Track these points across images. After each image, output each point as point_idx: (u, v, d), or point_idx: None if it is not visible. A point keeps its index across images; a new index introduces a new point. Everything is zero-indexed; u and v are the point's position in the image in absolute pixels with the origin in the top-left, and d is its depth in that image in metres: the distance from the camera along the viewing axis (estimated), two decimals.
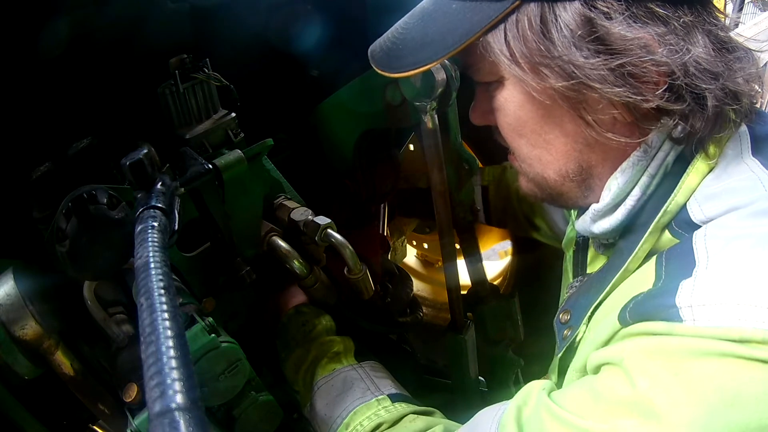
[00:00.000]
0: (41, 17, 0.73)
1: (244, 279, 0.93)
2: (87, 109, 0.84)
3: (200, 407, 0.38)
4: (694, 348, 0.50)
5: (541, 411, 0.60)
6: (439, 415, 0.85)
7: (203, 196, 0.85)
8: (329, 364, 0.91)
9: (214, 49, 0.91)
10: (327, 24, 1.08)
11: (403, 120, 1.04)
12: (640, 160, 0.65)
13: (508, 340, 1.34)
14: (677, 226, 0.63)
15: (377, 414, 0.82)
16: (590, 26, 0.58)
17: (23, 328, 0.73)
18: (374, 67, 0.71)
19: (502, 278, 1.88)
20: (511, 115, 0.69)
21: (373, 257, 1.15)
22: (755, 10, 4.72)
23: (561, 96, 0.62)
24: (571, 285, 0.85)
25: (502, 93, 0.69)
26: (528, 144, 0.70)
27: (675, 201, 0.63)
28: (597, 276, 0.75)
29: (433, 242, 2.01)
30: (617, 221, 0.69)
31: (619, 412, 0.53)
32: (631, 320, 0.57)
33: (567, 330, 0.74)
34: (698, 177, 0.63)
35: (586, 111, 0.63)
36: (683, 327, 0.52)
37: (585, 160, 0.69)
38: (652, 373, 0.52)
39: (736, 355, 0.49)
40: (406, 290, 1.18)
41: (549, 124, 0.67)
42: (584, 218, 0.74)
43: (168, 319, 0.43)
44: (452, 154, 1.13)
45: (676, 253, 0.60)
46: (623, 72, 0.58)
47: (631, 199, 0.67)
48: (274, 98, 1.16)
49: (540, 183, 0.74)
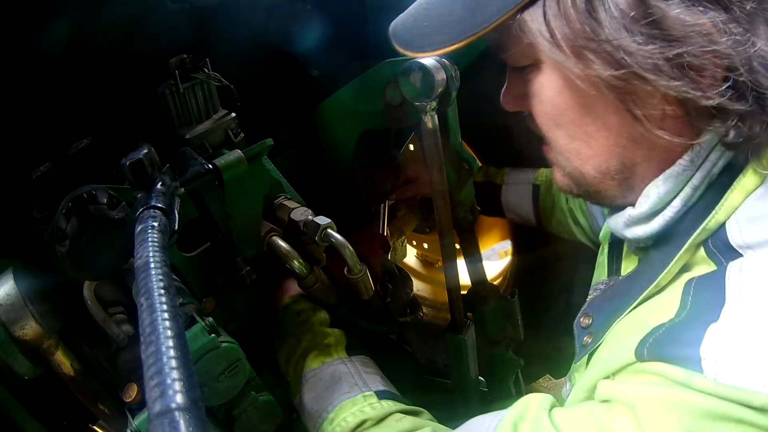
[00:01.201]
0: (41, 17, 0.73)
1: (244, 279, 0.93)
2: (87, 109, 0.84)
3: (200, 407, 0.38)
4: (711, 409, 0.47)
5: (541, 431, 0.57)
6: (427, 416, 0.83)
7: (203, 196, 0.85)
8: (319, 357, 0.90)
9: (214, 49, 0.91)
10: (327, 24, 1.08)
11: (403, 120, 1.04)
12: (686, 170, 0.59)
13: (508, 340, 1.34)
14: (713, 246, 0.57)
15: (362, 411, 0.80)
16: (644, 7, 0.50)
17: (23, 328, 0.73)
18: (396, 46, 0.64)
19: (502, 278, 1.88)
20: (548, 103, 0.62)
21: (373, 257, 1.15)
22: None
23: (607, 85, 0.54)
24: (596, 287, 0.79)
25: (539, 78, 0.62)
26: (566, 135, 0.64)
27: (715, 219, 0.57)
28: (624, 283, 0.70)
29: (433, 242, 2.02)
30: (653, 230, 0.64)
31: None
32: (648, 357, 0.53)
33: (588, 337, 0.69)
34: (742, 195, 0.56)
35: (635, 104, 0.55)
36: (703, 382, 0.48)
37: (629, 157, 0.62)
38: (663, 426, 0.49)
39: (755, 425, 0.45)
40: (406, 290, 1.18)
41: (591, 115, 0.60)
42: (617, 220, 0.69)
43: (168, 319, 0.43)
44: (452, 154, 1.13)
45: (705, 284, 0.55)
46: (682, 63, 0.51)
47: (671, 211, 0.62)
48: (274, 98, 1.16)
49: (577, 178, 0.67)
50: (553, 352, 1.56)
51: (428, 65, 0.90)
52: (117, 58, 0.85)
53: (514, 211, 1.37)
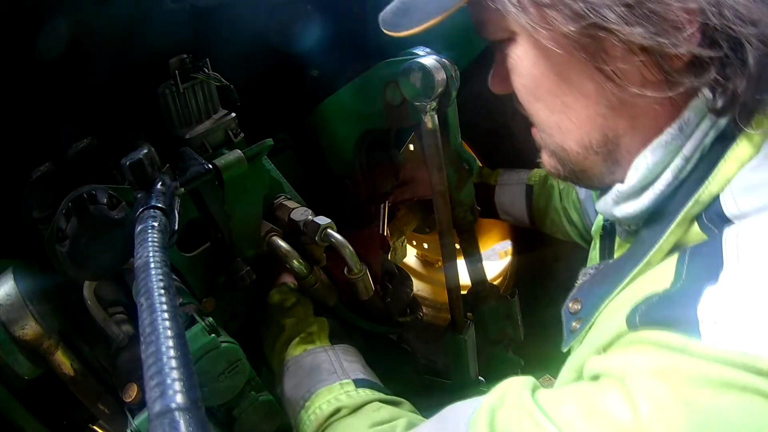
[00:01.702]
0: (41, 17, 0.73)
1: (244, 279, 0.93)
2: (87, 109, 0.84)
3: (200, 407, 0.38)
4: (711, 376, 0.43)
5: (523, 417, 0.52)
6: (408, 407, 0.81)
7: (203, 196, 0.85)
8: (301, 345, 0.89)
9: (214, 49, 0.91)
10: (327, 24, 1.08)
11: (403, 120, 1.04)
12: (675, 139, 0.57)
13: (508, 340, 1.34)
14: (707, 219, 0.54)
15: (337, 398, 0.78)
16: None
17: (23, 328, 0.73)
18: (383, 29, 0.65)
19: (502, 278, 1.88)
20: (526, 75, 0.62)
21: (373, 257, 1.15)
22: None
23: (576, 45, 0.54)
24: (585, 272, 0.75)
25: (515, 50, 0.62)
26: (545, 108, 0.63)
27: (708, 190, 0.54)
28: (614, 265, 0.66)
29: (433, 242, 2.01)
30: (643, 206, 0.61)
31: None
32: (640, 325, 0.50)
33: (576, 322, 0.65)
34: (737, 164, 0.54)
35: (605, 61, 0.54)
36: (701, 346, 0.44)
37: (610, 128, 0.60)
38: (657, 399, 0.44)
39: (762, 392, 0.41)
40: (406, 290, 1.18)
41: (566, 83, 0.59)
42: (606, 199, 0.66)
43: (168, 319, 0.43)
44: (452, 154, 1.13)
45: (701, 251, 0.52)
46: (644, 10, 0.50)
47: (661, 184, 0.59)
48: (274, 98, 1.16)
49: (561, 157, 0.66)
50: (553, 352, 1.56)
51: (428, 65, 0.90)
52: (117, 58, 0.85)
53: (507, 211, 1.37)
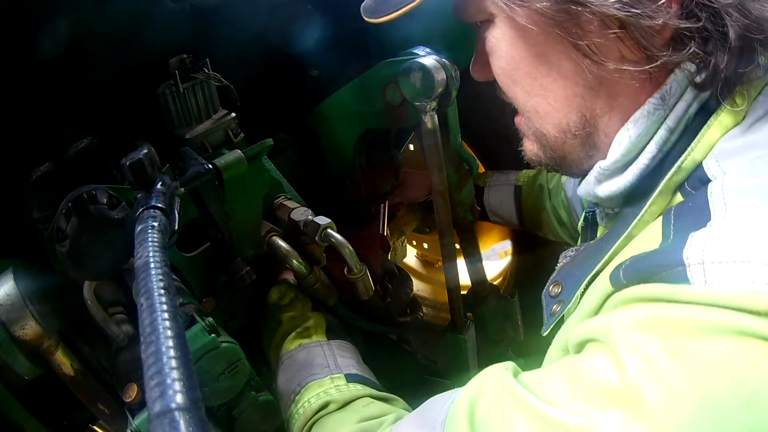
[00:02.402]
0: (41, 17, 0.73)
1: (244, 279, 0.93)
2: (87, 109, 0.84)
3: (200, 407, 0.38)
4: (703, 321, 0.39)
5: (504, 397, 0.50)
6: (401, 404, 0.80)
7: (203, 196, 0.85)
8: (296, 339, 0.89)
9: (214, 49, 0.91)
10: (327, 24, 1.08)
11: (403, 120, 1.04)
12: (657, 109, 0.54)
13: (508, 340, 1.34)
14: (690, 187, 0.52)
15: (327, 392, 0.78)
16: None
17: (23, 328, 0.73)
18: (363, 16, 0.66)
19: (502, 278, 1.88)
20: (504, 57, 0.61)
21: (373, 257, 1.15)
22: None
23: (551, 21, 0.53)
24: (565, 254, 0.72)
25: (493, 32, 0.61)
26: (524, 92, 0.62)
27: (691, 157, 0.52)
28: (595, 245, 0.63)
29: (433, 242, 2.01)
30: (627, 182, 0.58)
31: (601, 403, 0.42)
32: (625, 281, 0.46)
33: (556, 305, 0.63)
34: (720, 131, 0.52)
35: (581, 37, 0.53)
36: (691, 291, 0.40)
37: (588, 108, 0.59)
38: (644, 353, 0.40)
39: (760, 335, 0.37)
40: (406, 290, 1.18)
41: (544, 64, 0.58)
42: (588, 179, 0.63)
43: (168, 319, 0.43)
44: (452, 154, 1.13)
45: (687, 207, 0.49)
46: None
47: (645, 157, 0.56)
48: (274, 98, 1.16)
49: (541, 142, 0.65)
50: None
51: (428, 65, 0.90)
52: (117, 58, 0.85)
53: (496, 213, 1.36)
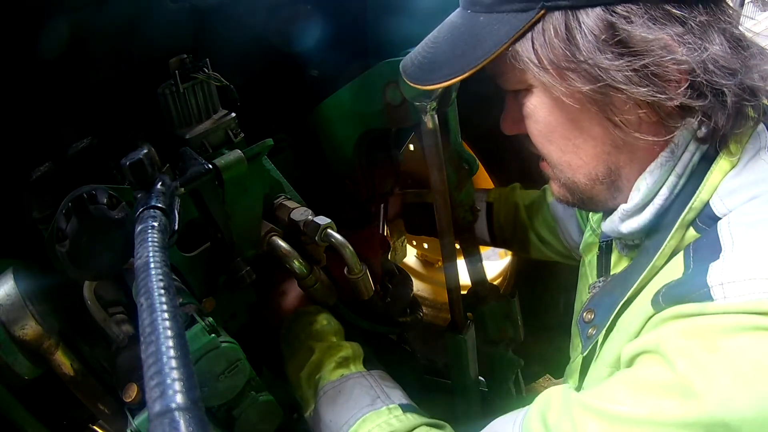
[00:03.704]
0: (41, 17, 0.73)
1: (244, 279, 0.93)
2: (87, 109, 0.84)
3: (200, 407, 0.38)
4: (727, 324, 0.52)
5: (572, 407, 0.60)
6: (450, 430, 0.84)
7: (203, 196, 0.85)
8: (337, 369, 0.89)
9: (214, 49, 0.91)
10: (327, 24, 1.08)
11: (403, 120, 1.04)
12: (668, 161, 0.67)
13: (508, 340, 1.34)
14: (701, 222, 0.65)
15: (389, 422, 0.80)
16: (612, 30, 0.60)
17: (23, 328, 0.73)
18: (408, 81, 0.73)
19: (502, 278, 1.88)
20: (541, 122, 0.71)
21: (373, 257, 1.15)
22: (755, 10, 4.72)
23: (588, 99, 0.64)
24: (593, 285, 0.86)
25: (532, 100, 0.70)
26: (558, 150, 0.72)
27: (699, 198, 0.65)
28: (621, 275, 0.76)
29: (433, 242, 2.01)
30: (646, 220, 0.71)
31: (659, 395, 0.54)
32: (664, 304, 0.59)
33: (591, 329, 0.75)
34: (721, 174, 0.64)
35: (613, 112, 0.65)
36: (715, 305, 0.53)
37: (613, 162, 0.70)
38: (689, 353, 0.53)
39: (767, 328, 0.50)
40: (406, 290, 1.18)
41: (578, 128, 0.69)
42: (612, 218, 0.75)
43: (168, 319, 0.43)
44: (452, 154, 1.13)
45: (702, 243, 0.63)
46: (647, 72, 0.60)
47: (660, 199, 0.69)
48: (274, 98, 1.16)
49: (571, 187, 0.76)
50: (553, 352, 1.55)
51: None
52: (117, 58, 0.85)
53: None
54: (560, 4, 0.62)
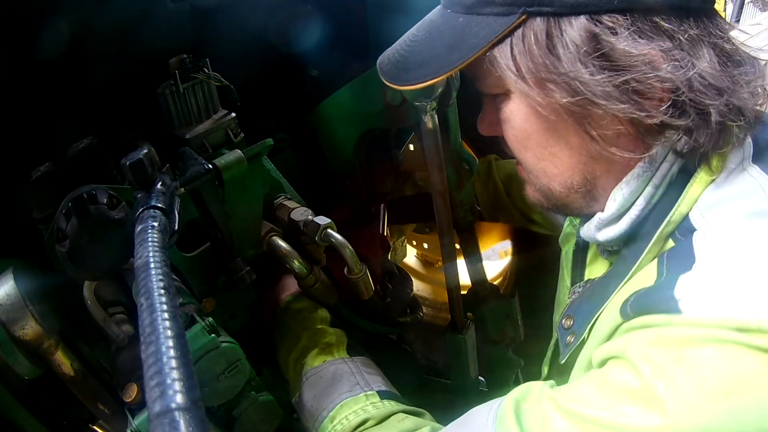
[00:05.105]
0: (41, 17, 0.73)
1: (244, 279, 0.93)
2: (87, 109, 0.84)
3: (200, 407, 0.38)
4: (694, 336, 0.51)
5: (544, 401, 0.60)
6: (429, 417, 0.85)
7: (203, 196, 0.85)
8: (320, 356, 0.91)
9: (214, 49, 0.91)
10: (327, 24, 1.08)
11: (403, 120, 1.04)
12: (645, 171, 0.66)
13: (508, 340, 1.34)
14: (680, 235, 0.63)
15: (364, 409, 0.81)
16: (595, 42, 0.58)
17: (23, 328, 0.72)
18: (382, 78, 0.71)
19: (502, 278, 1.88)
20: (517, 128, 0.70)
21: (373, 257, 1.15)
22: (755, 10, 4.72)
23: (566, 111, 0.62)
24: (573, 290, 0.86)
25: (509, 106, 0.69)
26: (534, 156, 0.71)
27: (678, 211, 0.64)
28: (600, 283, 0.75)
29: (433, 242, 2.01)
30: (621, 230, 0.70)
31: (624, 400, 0.53)
32: (632, 313, 0.58)
33: (570, 336, 0.74)
34: (701, 187, 0.63)
35: (591, 126, 0.63)
36: (682, 318, 0.53)
37: (589, 172, 0.69)
38: (654, 361, 0.53)
39: (736, 341, 0.49)
40: (406, 290, 1.18)
41: (554, 137, 0.67)
42: (589, 226, 0.75)
43: (168, 319, 0.43)
44: (452, 154, 1.13)
45: (676, 252, 0.62)
46: (628, 88, 0.58)
47: (636, 209, 0.68)
48: (274, 98, 1.16)
49: (546, 194, 0.75)
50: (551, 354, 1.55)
51: None
52: (117, 58, 0.84)
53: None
54: (543, 10, 0.59)
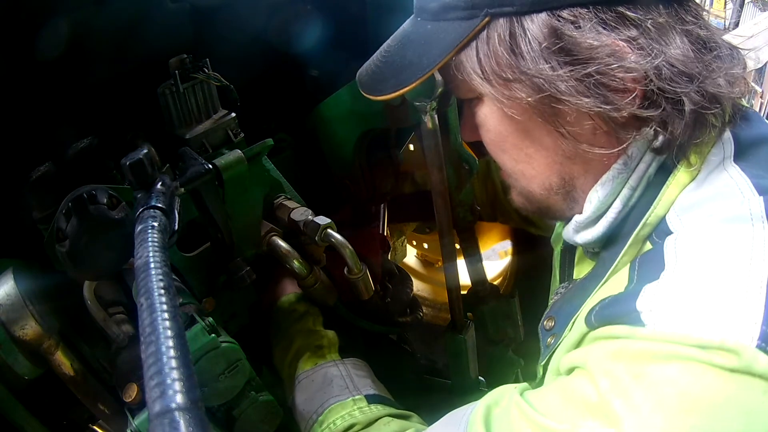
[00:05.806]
0: (41, 17, 0.73)
1: (244, 279, 0.93)
2: (87, 109, 0.84)
3: (200, 407, 0.38)
4: (655, 351, 0.50)
5: (512, 409, 0.60)
6: (417, 419, 0.85)
7: (203, 196, 0.85)
8: (312, 358, 0.91)
9: (214, 49, 0.91)
10: (327, 24, 1.08)
11: (403, 120, 1.03)
12: (621, 173, 0.65)
13: (508, 340, 1.34)
14: (657, 237, 0.62)
15: (351, 414, 0.82)
16: (556, 37, 0.57)
17: (23, 328, 0.73)
18: (361, 91, 0.72)
19: (502, 278, 1.88)
20: (492, 131, 0.69)
21: (373, 257, 1.14)
22: (755, 10, 4.73)
23: (535, 110, 0.61)
24: (557, 291, 0.85)
25: (482, 109, 0.69)
26: (511, 159, 0.71)
27: (655, 213, 0.62)
28: (581, 284, 0.75)
29: (433, 242, 2.01)
30: (599, 233, 0.69)
31: (583, 414, 0.53)
32: (596, 323, 0.58)
33: (551, 338, 0.73)
34: (678, 188, 0.62)
35: (560, 124, 0.62)
36: (644, 331, 0.52)
37: (567, 172, 0.68)
38: (613, 375, 0.52)
39: (697, 359, 0.48)
40: (406, 290, 1.18)
41: (528, 138, 0.67)
42: (568, 228, 0.74)
43: (168, 319, 0.43)
44: (452, 154, 1.13)
45: (648, 257, 0.61)
46: (591, 81, 0.57)
47: (612, 212, 0.67)
48: (274, 98, 1.16)
49: (528, 197, 0.75)
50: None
51: None
52: (117, 58, 0.84)
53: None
54: (504, 11, 0.59)
